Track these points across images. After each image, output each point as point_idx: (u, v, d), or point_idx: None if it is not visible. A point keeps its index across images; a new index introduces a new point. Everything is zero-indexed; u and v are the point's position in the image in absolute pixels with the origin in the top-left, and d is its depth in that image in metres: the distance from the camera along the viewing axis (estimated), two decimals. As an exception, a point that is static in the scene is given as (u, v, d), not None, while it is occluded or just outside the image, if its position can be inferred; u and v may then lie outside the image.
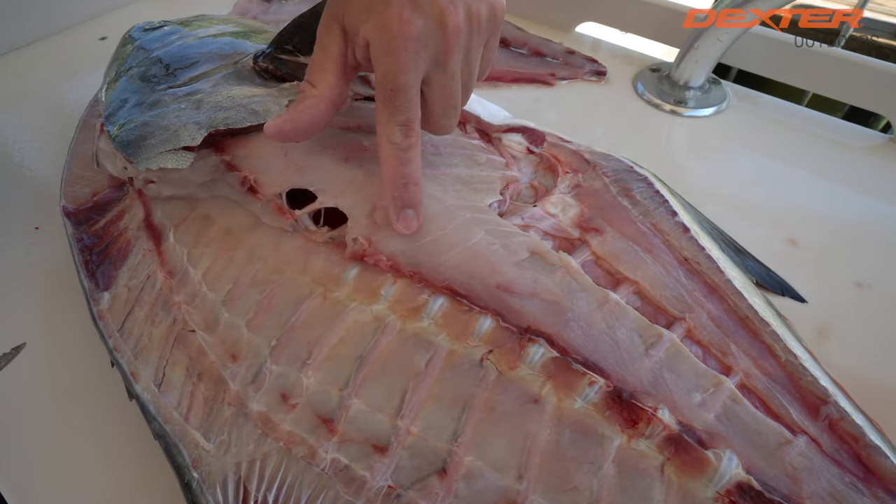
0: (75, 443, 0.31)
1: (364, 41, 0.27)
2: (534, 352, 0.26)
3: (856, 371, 0.33)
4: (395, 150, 0.28)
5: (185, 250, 0.32)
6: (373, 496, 0.24)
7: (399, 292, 0.28)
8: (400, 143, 0.28)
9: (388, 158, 0.28)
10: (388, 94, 0.27)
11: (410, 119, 0.28)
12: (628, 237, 0.33)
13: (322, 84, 0.29)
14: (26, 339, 0.35)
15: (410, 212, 0.29)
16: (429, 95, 0.28)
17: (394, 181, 0.28)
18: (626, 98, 0.54)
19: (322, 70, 0.29)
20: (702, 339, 0.30)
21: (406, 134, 0.28)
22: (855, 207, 0.43)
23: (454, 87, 0.29)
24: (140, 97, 0.36)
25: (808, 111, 0.52)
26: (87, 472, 0.30)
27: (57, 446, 0.31)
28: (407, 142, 0.28)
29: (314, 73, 0.29)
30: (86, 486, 0.29)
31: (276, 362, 0.28)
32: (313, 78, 0.29)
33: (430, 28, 0.26)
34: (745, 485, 0.24)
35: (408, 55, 0.26)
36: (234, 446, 0.26)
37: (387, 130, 0.28)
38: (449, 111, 0.30)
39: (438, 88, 0.28)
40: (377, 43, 0.27)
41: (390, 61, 0.26)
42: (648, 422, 0.25)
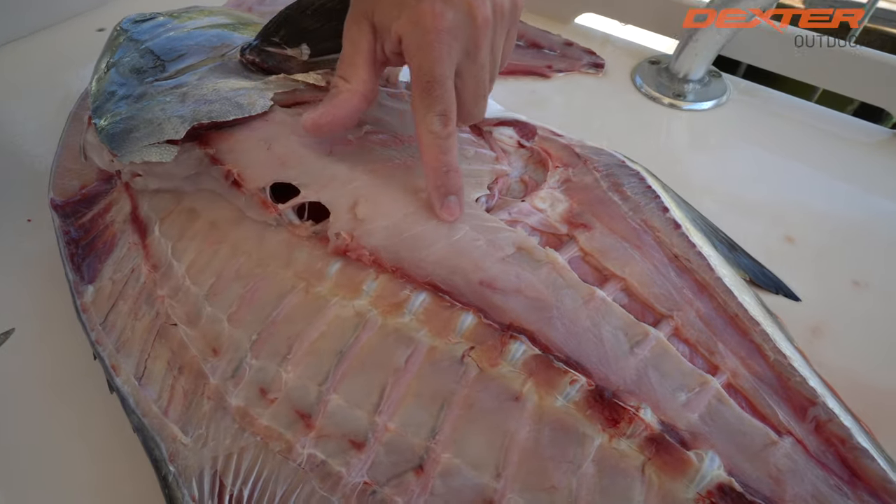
0: (61, 434, 0.31)
1: (396, 36, 0.28)
2: (515, 349, 0.26)
3: (848, 372, 0.32)
4: (436, 140, 0.29)
5: (169, 244, 0.32)
6: (348, 492, 0.24)
7: (381, 287, 0.28)
8: (439, 132, 0.29)
9: (429, 148, 0.29)
10: (425, 86, 0.28)
11: (448, 109, 0.29)
12: (617, 233, 0.32)
13: (355, 79, 0.30)
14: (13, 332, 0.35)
15: (453, 198, 0.30)
16: (460, 86, 0.29)
17: (435, 170, 0.29)
18: (625, 91, 0.53)
19: (353, 65, 0.30)
20: (689, 337, 0.29)
21: (444, 123, 0.29)
22: (856, 204, 0.42)
23: (483, 76, 0.30)
24: (127, 90, 0.35)
25: (811, 105, 0.51)
26: (72, 463, 0.30)
27: (42, 437, 0.31)
28: (445, 131, 0.29)
29: (346, 69, 0.30)
30: (71, 476, 0.30)
31: (256, 357, 0.27)
32: (346, 73, 0.30)
33: (460, 20, 0.27)
34: (727, 486, 0.24)
35: (442, 47, 0.27)
36: (211, 440, 0.26)
37: (426, 121, 0.29)
38: (479, 100, 0.31)
39: (469, 78, 0.29)
40: (411, 37, 0.28)
41: (425, 54, 0.27)
42: (630, 421, 0.25)
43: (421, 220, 0.29)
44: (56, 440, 0.31)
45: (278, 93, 0.34)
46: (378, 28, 0.29)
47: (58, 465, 0.30)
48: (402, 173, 0.32)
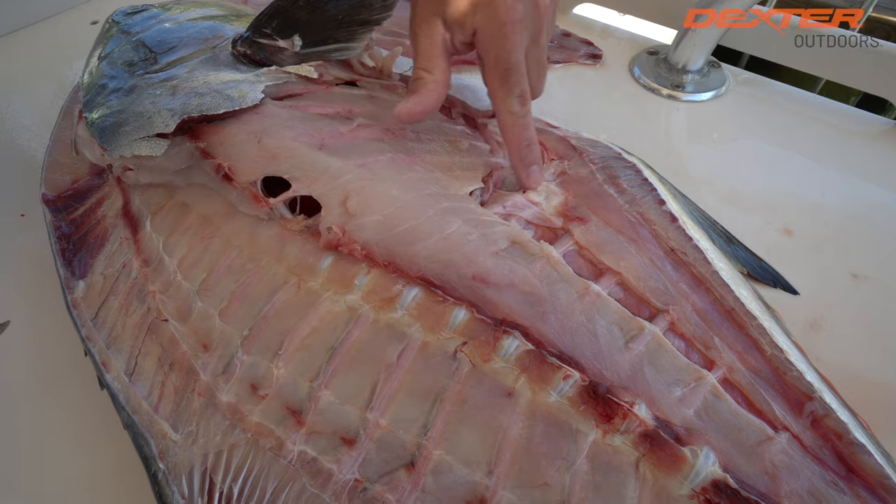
0: (51, 430, 0.31)
1: (471, 29, 0.31)
2: (508, 344, 0.26)
3: (847, 365, 0.32)
4: (517, 119, 0.32)
5: (161, 238, 0.32)
6: (339, 489, 0.24)
7: (373, 282, 0.28)
8: (519, 111, 0.32)
9: (512, 127, 0.32)
10: (504, 73, 0.31)
11: (524, 90, 0.32)
12: (613, 226, 0.32)
13: (437, 69, 0.32)
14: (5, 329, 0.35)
15: (535, 168, 0.33)
16: (527, 67, 0.32)
17: (518, 145, 0.33)
18: (623, 82, 0.53)
19: (433, 57, 0.32)
20: (685, 331, 0.29)
21: (522, 103, 0.32)
22: (856, 196, 0.42)
23: (544, 56, 0.34)
24: (118, 83, 0.35)
25: (810, 96, 0.51)
26: (62, 459, 0.30)
27: (32, 434, 0.31)
28: (524, 109, 0.32)
29: (426, 61, 0.33)
30: (61, 472, 0.29)
31: (247, 352, 0.27)
32: (427, 65, 0.33)
33: (528, 10, 0.30)
34: (721, 482, 0.23)
35: (516, 37, 0.30)
36: (201, 437, 0.26)
37: (506, 104, 0.32)
38: (542, 78, 0.34)
39: (534, 61, 0.32)
40: (487, 30, 0.31)
41: (502, 44, 0.31)
42: (624, 417, 0.25)
43: (413, 214, 0.29)
44: (46, 437, 0.31)
45: (269, 85, 0.34)
46: (449, 22, 0.32)
47: (47, 461, 0.30)
48: (394, 167, 0.31)
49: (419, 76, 0.33)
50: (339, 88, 0.36)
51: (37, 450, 0.30)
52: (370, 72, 0.39)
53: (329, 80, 0.36)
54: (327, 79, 0.36)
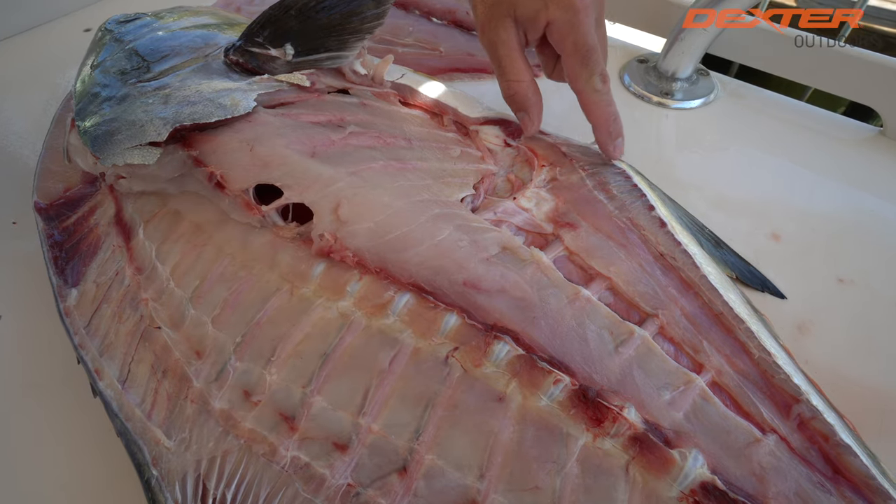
0: (43, 437, 0.31)
1: (544, 23, 0.34)
2: (499, 349, 0.26)
3: (834, 368, 0.33)
4: (601, 96, 0.35)
5: (154, 246, 0.32)
6: (332, 494, 0.24)
7: (365, 289, 0.28)
8: (602, 88, 0.35)
9: (597, 104, 0.35)
10: (584, 56, 0.34)
11: (603, 68, 0.35)
12: (603, 232, 0.32)
13: (524, 72, 0.35)
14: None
15: (620, 140, 0.36)
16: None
17: (605, 119, 0.35)
18: (613, 89, 0.53)
19: (516, 61, 0.35)
20: (674, 336, 0.29)
21: (604, 81, 0.35)
22: (841, 201, 0.43)
23: (605, 34, 0.37)
24: (111, 91, 0.35)
25: (798, 104, 0.52)
26: (54, 467, 0.30)
27: (24, 441, 0.31)
28: (606, 86, 0.35)
29: (513, 71, 0.35)
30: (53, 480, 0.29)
31: (240, 359, 0.27)
32: (516, 74, 0.35)
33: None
34: (710, 484, 0.24)
35: (589, 21, 0.34)
36: (194, 444, 0.26)
37: (590, 83, 0.34)
38: (605, 55, 0.37)
39: (602, 39, 0.36)
40: (562, 21, 0.33)
41: (578, 31, 0.33)
42: (614, 420, 0.25)
43: (404, 221, 0.29)
44: (38, 445, 0.31)
45: (262, 94, 0.34)
46: (521, 21, 0.34)
47: (40, 468, 0.30)
48: (386, 174, 0.32)
49: (513, 90, 0.35)
50: (330, 96, 0.37)
51: (29, 457, 0.30)
52: (362, 80, 0.39)
53: (321, 88, 0.37)
54: (319, 87, 0.37)
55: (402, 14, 0.57)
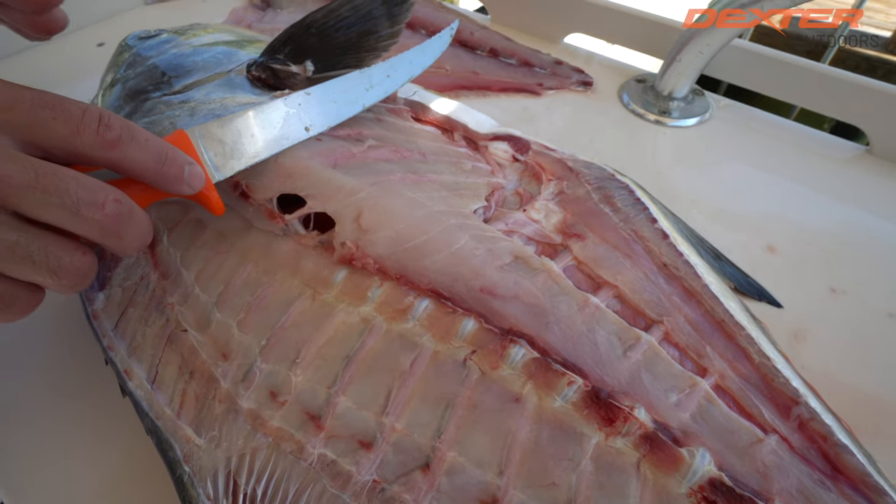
0: (70, 438, 0.32)
1: None
2: (515, 352, 0.27)
3: (828, 373, 0.34)
4: None
5: (178, 253, 0.33)
6: (358, 490, 0.25)
7: (385, 294, 0.29)
8: None
9: None
10: None
11: None
12: (609, 243, 0.34)
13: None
14: (23, 336, 0.36)
15: None
16: None
17: None
18: (612, 108, 0.56)
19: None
20: (679, 341, 0.31)
21: None
22: (832, 216, 0.45)
23: None
24: (136, 104, 0.36)
25: (789, 123, 0.54)
26: (81, 466, 0.31)
27: (51, 441, 0.32)
28: None
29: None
30: (80, 479, 0.30)
31: (265, 361, 0.28)
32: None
33: None
34: (717, 481, 0.25)
35: None
36: (224, 441, 0.27)
37: None
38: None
39: None
40: None
41: None
42: (625, 420, 0.26)
43: (423, 230, 0.31)
44: (64, 444, 0.31)
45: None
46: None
47: (66, 468, 0.31)
48: (404, 186, 0.33)
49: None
50: (348, 112, 0.38)
51: (55, 459, 0.31)
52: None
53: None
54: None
55: (409, 34, 0.59)
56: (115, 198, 0.24)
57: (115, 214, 0.24)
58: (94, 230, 0.24)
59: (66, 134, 0.23)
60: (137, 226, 0.25)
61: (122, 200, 0.24)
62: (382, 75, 0.37)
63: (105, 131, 0.24)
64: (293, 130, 0.33)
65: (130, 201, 0.25)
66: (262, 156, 0.31)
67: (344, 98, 0.35)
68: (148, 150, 0.25)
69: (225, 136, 0.30)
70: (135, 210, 0.25)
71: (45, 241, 0.23)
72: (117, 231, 0.24)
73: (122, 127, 0.25)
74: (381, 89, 0.37)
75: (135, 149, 0.25)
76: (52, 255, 0.23)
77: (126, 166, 0.25)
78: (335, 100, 0.35)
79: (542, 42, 0.64)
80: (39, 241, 0.23)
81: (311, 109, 0.34)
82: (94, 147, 0.24)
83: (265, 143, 0.31)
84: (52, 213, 0.23)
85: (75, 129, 0.24)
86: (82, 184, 0.23)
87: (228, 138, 0.30)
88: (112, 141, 0.24)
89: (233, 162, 0.30)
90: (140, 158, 0.25)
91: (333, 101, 0.35)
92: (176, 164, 0.26)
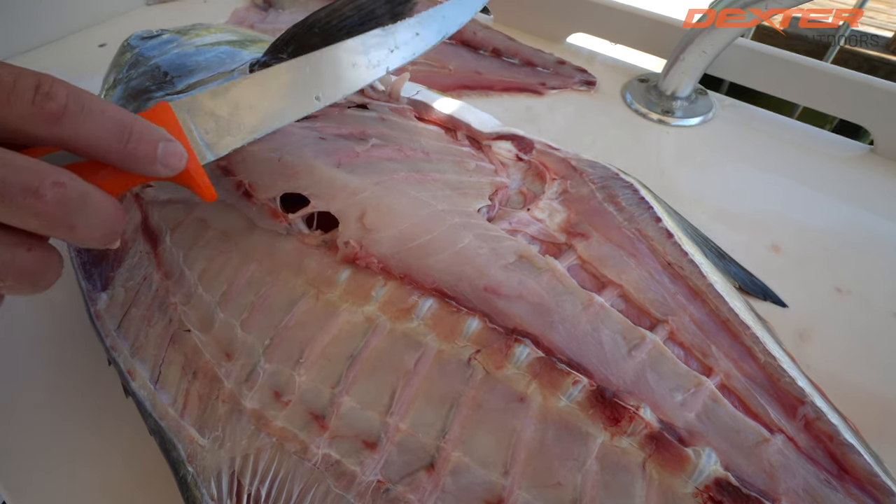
0: (72, 437, 0.32)
1: None
2: (520, 352, 0.27)
3: (834, 373, 0.34)
4: None
5: (181, 252, 0.33)
6: (363, 490, 0.25)
7: (389, 294, 0.29)
8: None
9: None
10: None
11: None
12: (613, 242, 0.34)
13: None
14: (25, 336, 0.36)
15: None
16: None
17: None
18: (615, 107, 0.55)
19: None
20: (684, 340, 0.30)
21: None
22: (836, 216, 0.44)
23: None
24: (138, 104, 0.36)
25: (792, 122, 0.54)
26: (83, 467, 0.30)
27: (53, 441, 0.31)
28: None
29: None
30: (82, 479, 0.30)
31: (269, 361, 0.28)
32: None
33: None
34: (724, 480, 0.25)
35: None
36: (228, 441, 0.27)
37: None
38: None
39: None
40: None
41: None
42: (630, 420, 0.26)
43: (427, 229, 0.30)
44: (66, 444, 0.31)
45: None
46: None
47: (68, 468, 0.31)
48: (408, 185, 0.33)
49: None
50: (351, 111, 0.38)
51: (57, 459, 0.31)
52: (380, 95, 0.41)
53: (341, 103, 0.38)
54: (340, 102, 0.38)
55: (411, 33, 0.59)
56: (54, 181, 0.19)
57: (57, 201, 0.19)
58: (33, 221, 0.19)
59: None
60: (95, 214, 0.21)
61: (68, 183, 0.20)
62: (410, 33, 0.32)
63: (44, 101, 0.20)
64: (300, 100, 0.29)
65: (83, 184, 0.20)
66: (263, 130, 0.27)
67: (364, 61, 0.30)
68: (104, 124, 0.21)
69: (218, 107, 0.26)
70: (90, 195, 0.21)
71: None
72: (64, 221, 0.20)
73: (67, 95, 0.20)
74: (408, 50, 0.32)
75: (88, 123, 0.20)
76: None
77: (79, 145, 0.21)
78: (354, 63, 0.30)
79: (544, 42, 0.64)
80: None
81: (324, 74, 0.29)
82: (32, 121, 0.20)
83: (267, 115, 0.27)
84: None
85: (5, 100, 0.19)
86: (15, 166, 0.19)
87: (223, 110, 0.26)
88: (55, 113, 0.20)
89: (228, 139, 0.26)
90: (96, 134, 0.21)
91: (352, 65, 0.30)
92: (144, 139, 0.22)
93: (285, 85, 0.28)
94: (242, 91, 0.27)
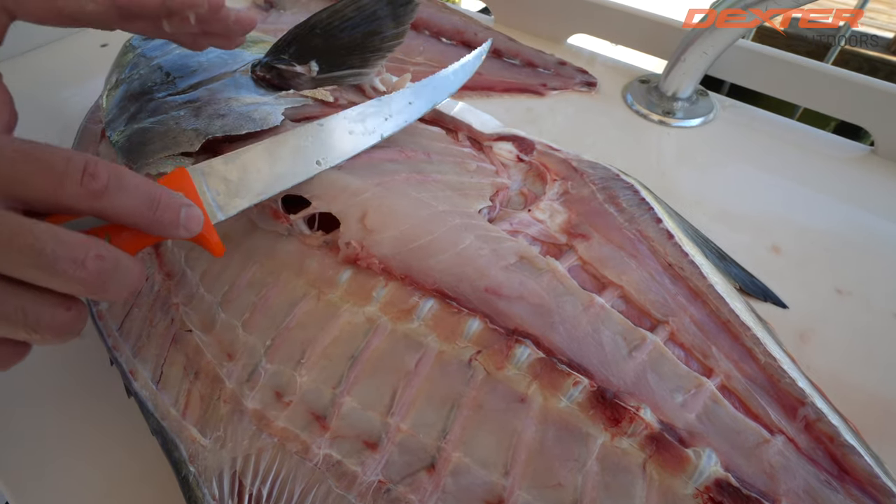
0: (74, 437, 0.32)
1: None
2: (520, 352, 0.27)
3: (834, 374, 0.34)
4: None
5: (182, 253, 0.33)
6: (364, 490, 0.25)
7: (390, 294, 0.29)
8: None
9: None
10: None
11: None
12: (614, 243, 0.34)
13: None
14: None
15: None
16: None
17: None
18: (616, 108, 0.55)
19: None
20: (684, 341, 0.30)
21: None
22: (836, 216, 0.44)
23: None
24: (140, 104, 0.36)
25: (793, 123, 0.54)
26: (86, 466, 0.31)
27: (56, 441, 0.32)
28: None
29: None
30: (85, 479, 0.30)
31: (270, 361, 0.28)
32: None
33: None
34: (724, 481, 0.25)
35: None
36: (229, 441, 0.27)
37: None
38: None
39: None
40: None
41: None
42: (631, 421, 0.26)
43: (428, 230, 0.31)
44: (69, 444, 0.31)
45: (289, 108, 0.35)
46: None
47: (71, 468, 0.31)
48: (409, 186, 0.33)
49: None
50: (352, 112, 0.38)
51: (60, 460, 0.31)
52: (381, 96, 0.41)
53: (343, 103, 0.38)
54: (342, 102, 0.38)
55: (413, 34, 0.59)
56: (96, 254, 0.22)
57: (97, 271, 0.22)
58: (76, 288, 0.22)
59: (49, 188, 0.22)
60: (124, 277, 0.23)
61: (105, 255, 0.22)
62: (403, 102, 0.36)
63: (90, 182, 0.22)
64: (304, 164, 0.31)
65: (116, 252, 0.23)
66: (269, 192, 0.30)
67: (361, 129, 0.34)
68: (138, 197, 0.24)
69: (230, 172, 0.29)
70: (121, 261, 0.23)
71: (22, 299, 0.22)
72: (101, 287, 0.23)
73: (108, 175, 0.23)
74: (401, 118, 0.35)
75: (123, 196, 0.23)
76: (30, 313, 0.22)
77: (114, 214, 0.23)
78: (351, 130, 0.33)
79: (545, 43, 0.64)
80: (15, 299, 0.21)
81: (324, 142, 0.32)
82: (79, 198, 0.22)
83: (273, 179, 0.30)
84: (29, 273, 0.21)
85: (58, 183, 0.22)
86: (61, 241, 0.21)
87: (234, 175, 0.29)
88: (97, 191, 0.22)
89: (237, 200, 0.29)
90: (130, 205, 0.23)
91: (349, 133, 0.33)
92: (170, 208, 0.25)
93: (290, 152, 0.31)
94: (251, 157, 0.30)
